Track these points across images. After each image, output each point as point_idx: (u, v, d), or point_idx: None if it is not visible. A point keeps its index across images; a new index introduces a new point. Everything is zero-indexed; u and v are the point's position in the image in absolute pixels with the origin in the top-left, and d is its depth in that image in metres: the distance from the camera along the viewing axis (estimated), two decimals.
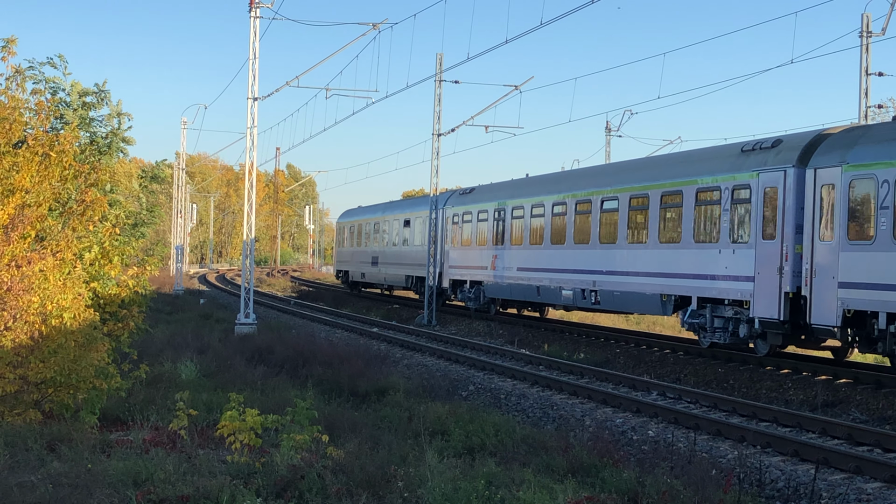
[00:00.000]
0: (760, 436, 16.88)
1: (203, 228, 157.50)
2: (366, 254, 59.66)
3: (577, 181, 34.87)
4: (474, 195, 43.52)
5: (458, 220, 44.14)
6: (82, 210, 17.43)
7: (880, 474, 14.15)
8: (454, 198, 45.96)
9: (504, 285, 38.91)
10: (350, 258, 64.33)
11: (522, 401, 22.32)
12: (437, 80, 44.79)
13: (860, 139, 22.47)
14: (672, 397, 22.10)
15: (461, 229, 43.65)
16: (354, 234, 63.32)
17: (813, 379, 23.10)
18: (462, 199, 44.76)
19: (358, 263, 61.57)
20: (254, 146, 37.22)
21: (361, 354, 26.80)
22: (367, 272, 59.04)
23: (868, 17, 37.61)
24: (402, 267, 51.95)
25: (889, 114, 53.04)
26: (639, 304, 29.92)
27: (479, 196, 43.08)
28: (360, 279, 61.53)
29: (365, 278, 60.16)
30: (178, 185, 79.92)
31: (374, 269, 57.23)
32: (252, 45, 36.48)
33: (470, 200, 43.46)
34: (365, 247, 60.23)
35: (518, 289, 37.83)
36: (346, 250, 65.72)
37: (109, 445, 13.85)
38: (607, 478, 12.64)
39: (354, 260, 62.70)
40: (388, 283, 55.48)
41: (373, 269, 57.73)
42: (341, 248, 68.23)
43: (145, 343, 24.11)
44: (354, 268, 62.59)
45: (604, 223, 31.58)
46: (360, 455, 12.90)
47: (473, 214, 42.47)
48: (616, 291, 30.63)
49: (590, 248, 32.16)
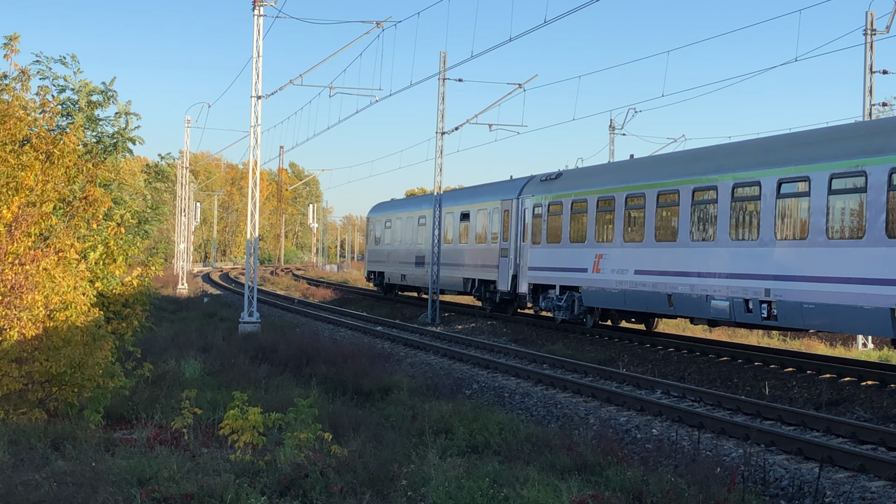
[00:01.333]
0: (765, 434, 16.86)
1: (207, 227, 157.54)
2: (407, 253, 52.55)
3: (729, 159, 27.14)
4: (563, 181, 36.03)
5: (540, 212, 36.46)
6: (85, 208, 17.45)
7: (884, 473, 14.13)
8: (533, 185, 38.12)
9: (614, 292, 31.04)
10: (386, 258, 56.79)
11: (526, 399, 22.31)
12: (441, 79, 44.77)
13: None
14: (676, 396, 22.09)
15: (546, 223, 35.89)
16: (392, 231, 55.88)
17: (817, 377, 23.08)
18: (546, 186, 36.90)
19: (397, 264, 54.33)
20: (257, 145, 37.22)
21: (365, 353, 26.81)
22: (410, 274, 51.89)
23: (872, 15, 37.55)
24: (457, 268, 45.10)
25: (894, 111, 52.94)
26: (851, 320, 22.10)
27: (571, 182, 35.60)
28: (400, 282, 54.27)
29: (406, 281, 53.04)
30: (182, 184, 79.93)
31: (420, 270, 49.79)
32: (255, 43, 36.48)
33: (559, 188, 35.70)
34: (406, 245, 52.93)
35: (637, 297, 30.07)
36: (381, 249, 57.81)
37: (113, 444, 13.86)
38: (611, 476, 12.64)
39: (392, 260, 55.39)
40: (441, 285, 46.43)
41: (417, 271, 50.29)
42: (374, 247, 59.55)
43: (149, 342, 24.13)
44: (392, 269, 55.39)
45: (784, 212, 24.20)
46: (364, 453, 12.91)
47: (565, 205, 34.74)
48: (808, 303, 23.01)
49: (759, 246, 24.88)
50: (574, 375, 25.39)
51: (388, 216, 57.41)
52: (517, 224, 38.09)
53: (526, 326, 38.05)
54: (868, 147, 21.84)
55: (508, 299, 40.17)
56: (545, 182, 37.12)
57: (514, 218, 38.48)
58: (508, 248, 38.81)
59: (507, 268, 38.92)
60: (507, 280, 38.83)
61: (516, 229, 38.21)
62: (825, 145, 23.53)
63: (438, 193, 45.63)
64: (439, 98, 45.44)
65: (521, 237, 37.74)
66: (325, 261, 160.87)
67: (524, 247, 37.36)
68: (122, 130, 26.69)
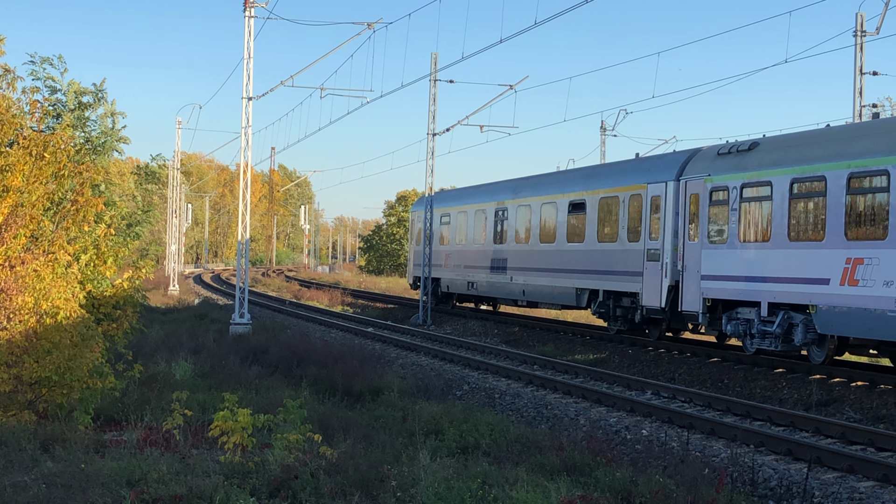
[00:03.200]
0: (754, 435, 16.90)
1: (198, 228, 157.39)
2: (478, 255, 41.97)
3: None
4: (765, 153, 25.17)
5: (724, 198, 26.03)
6: (76, 210, 17.43)
7: (873, 473, 14.17)
8: (705, 161, 27.63)
9: (887, 315, 20.72)
10: (443, 261, 46.03)
11: (517, 400, 22.33)
12: (432, 80, 44.81)
13: None
14: (666, 396, 22.12)
15: (738, 213, 25.43)
16: (453, 228, 45.61)
17: (807, 378, 23.12)
18: (731, 161, 26.31)
19: (462, 269, 43.88)
20: (248, 146, 37.22)
21: (356, 354, 26.80)
22: (484, 281, 41.29)
23: (862, 17, 37.67)
24: (561, 276, 34.50)
25: (886, 112, 53.09)
26: None
27: (782, 153, 24.70)
28: (466, 290, 43.69)
29: (477, 289, 42.35)
30: (174, 185, 79.88)
31: (499, 276, 39.61)
32: (247, 44, 36.47)
33: (759, 163, 25.04)
34: (477, 244, 42.38)
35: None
36: (437, 250, 46.67)
37: (103, 445, 13.86)
38: (601, 477, 12.65)
39: (454, 263, 44.83)
40: (532, 297, 37.40)
41: (496, 278, 39.96)
42: (426, 248, 47.23)
43: (140, 343, 24.13)
44: (455, 274, 44.67)
45: None
46: (354, 454, 12.93)
47: (777, 186, 24.15)
48: None
49: None
50: (565, 376, 25.42)
51: (444, 210, 46.58)
52: (679, 216, 28.05)
53: (516, 328, 38.07)
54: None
55: (658, 318, 29.96)
56: (729, 156, 26.45)
57: (671, 208, 28.43)
58: (660, 250, 28.85)
59: (659, 276, 28.72)
60: (657, 292, 28.72)
61: (675, 223, 28.21)
62: None
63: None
64: (430, 99, 45.47)
65: (685, 233, 27.72)
66: (316, 262, 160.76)
67: (692, 247, 27.24)
68: (109, 131, 26.69)
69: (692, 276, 27.10)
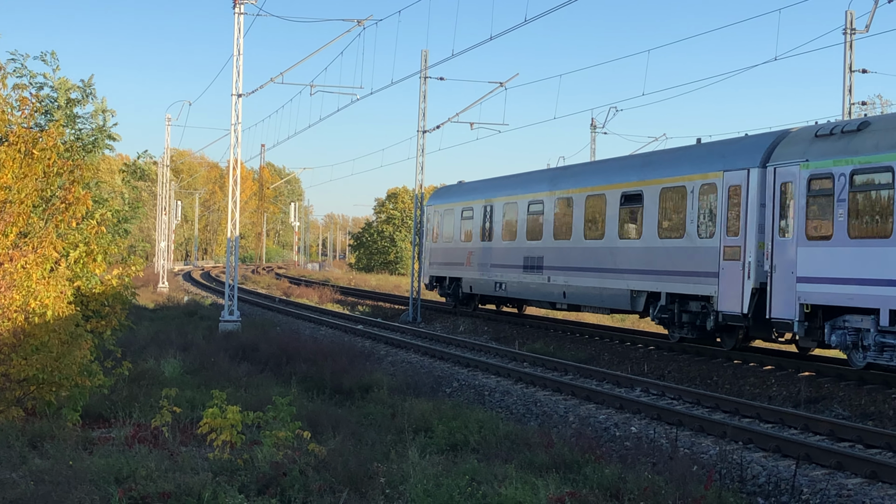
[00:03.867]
0: (743, 432, 16.93)
1: (188, 226, 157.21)
2: (508, 252, 37.80)
3: None
4: (874, 135, 21.63)
5: (827, 188, 22.38)
6: (65, 207, 17.39)
7: (861, 470, 14.21)
8: (799, 144, 23.81)
9: None
10: (465, 259, 41.68)
11: (506, 397, 22.34)
12: (422, 77, 44.81)
13: None
14: (655, 394, 22.15)
15: (849, 204, 21.78)
16: (477, 223, 40.91)
17: (796, 375, 23.17)
18: (833, 145, 22.60)
19: (488, 268, 39.46)
20: (238, 143, 37.20)
21: (346, 351, 26.81)
22: (514, 281, 37.08)
23: (852, 15, 37.73)
24: (614, 277, 30.52)
25: (874, 110, 53.20)
26: None
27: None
28: (494, 292, 39.35)
29: (506, 291, 38.14)
30: (163, 182, 79.77)
31: (533, 276, 35.44)
32: (236, 41, 36.45)
33: (869, 148, 21.44)
34: (506, 242, 38.13)
35: None
36: (455, 247, 42.78)
37: (92, 442, 13.85)
38: (590, 474, 12.68)
39: (479, 262, 40.38)
40: (574, 300, 33.38)
41: (529, 278, 35.72)
42: (442, 245, 44.40)
43: (129, 340, 24.11)
44: (480, 274, 40.30)
45: None
46: (343, 452, 12.92)
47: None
48: None
49: None
50: (554, 374, 25.44)
51: (467, 203, 42.22)
52: (766, 208, 24.51)
53: (507, 325, 38.08)
54: None
55: (736, 326, 26.07)
56: (831, 138, 22.81)
57: (755, 199, 24.95)
58: (740, 247, 25.32)
59: (740, 277, 25.17)
60: (738, 296, 25.11)
61: (761, 216, 24.72)
62: None
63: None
64: (420, 96, 45.47)
65: (774, 229, 24.12)
66: (306, 259, 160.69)
67: (783, 244, 23.70)
68: (100, 128, 26.62)
69: (784, 277, 23.34)
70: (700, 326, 27.17)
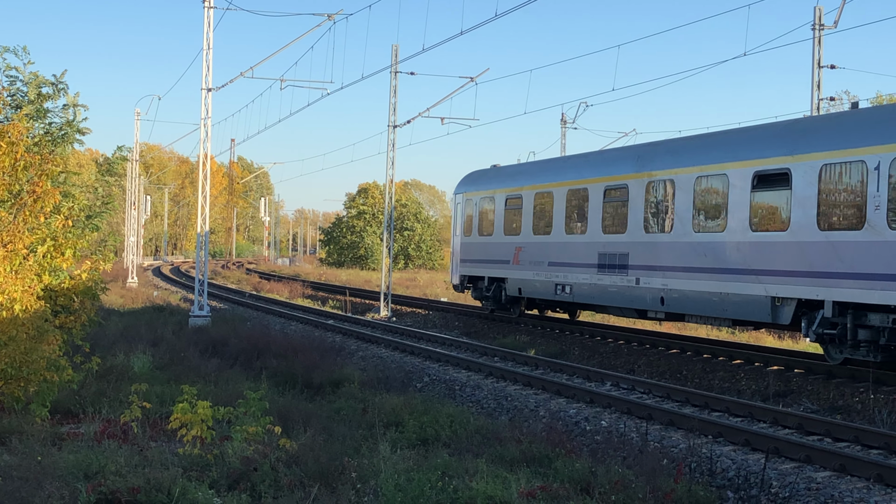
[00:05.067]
0: (712, 426, 17.00)
1: (158, 221, 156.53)
2: (576, 247, 31.12)
3: None
4: None
5: None
6: (34, 201, 17.27)
7: (830, 463, 14.29)
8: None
9: None
10: (513, 255, 34.91)
11: (477, 392, 22.36)
12: (393, 72, 44.76)
13: None
14: (625, 388, 22.22)
15: None
16: (527, 213, 34.35)
17: (765, 369, 23.30)
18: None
19: (545, 267, 32.81)
20: (208, 138, 37.02)
21: (316, 346, 26.74)
22: (585, 283, 30.24)
23: (820, 10, 37.94)
24: (744, 279, 23.98)
25: (842, 106, 53.56)
26: None
27: None
28: (557, 295, 32.22)
29: (572, 294, 31.23)
30: (132, 177, 79.36)
31: (613, 277, 28.90)
32: (206, 35, 36.28)
33: None
34: (568, 236, 31.71)
35: None
36: (497, 242, 36.15)
37: (61, 438, 13.77)
38: (560, 468, 12.70)
39: (531, 259, 33.83)
40: (678, 308, 26.71)
41: (608, 279, 29.18)
42: (478, 240, 37.74)
43: (98, 335, 23.96)
44: (533, 274, 33.51)
45: None
46: (314, 447, 12.89)
47: None
48: None
49: None
50: (525, 368, 25.47)
51: (514, 190, 35.67)
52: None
53: (478, 319, 38.10)
54: None
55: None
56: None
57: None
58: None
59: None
60: None
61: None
62: None
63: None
64: (391, 91, 45.43)
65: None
66: (277, 254, 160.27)
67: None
68: (70, 122, 26.47)
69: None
70: (885, 347, 20.86)
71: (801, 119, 26.51)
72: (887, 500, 12.70)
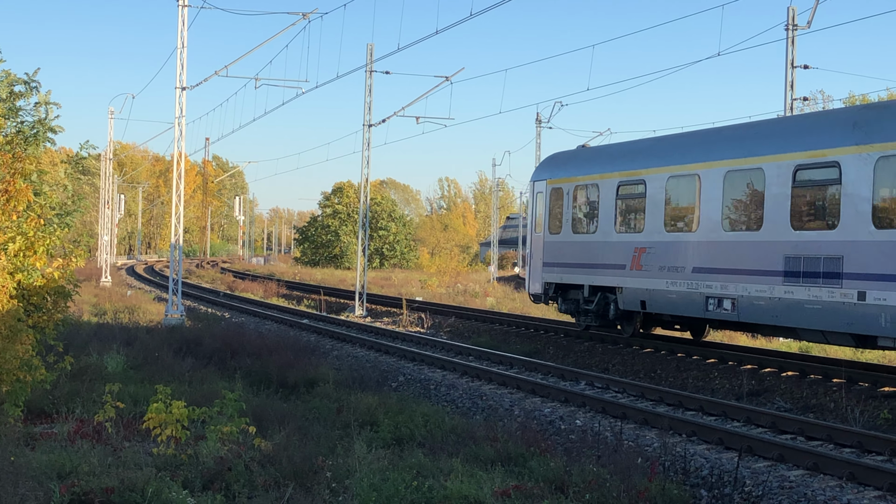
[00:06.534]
0: (686, 424, 17.06)
1: (131, 219, 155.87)
2: (747, 249, 23.19)
3: None
4: None
5: None
6: (6, 200, 17.17)
7: (803, 462, 14.36)
8: None
9: None
10: (630, 259, 26.98)
11: (452, 391, 22.36)
12: (368, 71, 44.72)
13: None
14: (600, 387, 22.26)
15: None
16: (658, 204, 26.17)
17: (739, 368, 23.38)
18: None
19: (688, 275, 24.73)
20: (182, 136, 36.91)
21: (291, 346, 26.69)
22: (762, 297, 22.39)
23: (794, 11, 38.09)
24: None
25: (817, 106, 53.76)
26: None
27: None
28: (710, 313, 24.01)
29: (737, 312, 23.23)
30: (106, 175, 79.00)
31: (814, 289, 21.04)
32: (180, 33, 36.16)
33: None
34: (737, 231, 23.65)
35: None
36: (612, 242, 27.85)
37: (34, 438, 13.71)
38: (535, 467, 12.73)
39: (661, 264, 25.79)
40: None
41: (803, 292, 21.34)
42: (574, 238, 29.73)
43: (71, 335, 23.84)
44: (667, 283, 25.44)
45: None
46: (289, 446, 12.87)
47: None
48: None
49: None
50: (500, 367, 25.48)
51: (628, 174, 27.52)
52: None
53: (453, 318, 38.11)
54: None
55: None
56: None
57: None
58: None
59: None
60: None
61: None
62: None
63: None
64: (366, 90, 45.38)
65: None
66: (251, 253, 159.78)
67: None
68: (42, 121, 26.36)
69: None
70: None
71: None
72: (860, 498, 12.78)
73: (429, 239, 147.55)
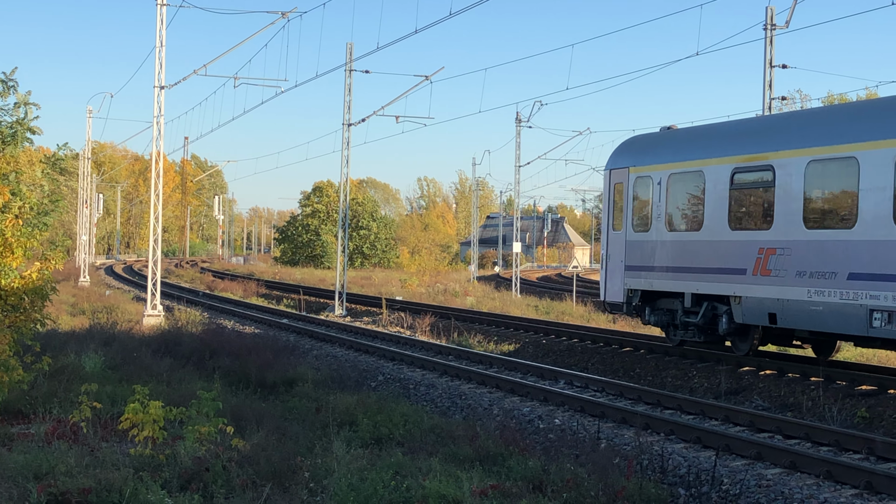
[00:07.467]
0: (664, 423, 17.10)
1: (110, 219, 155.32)
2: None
3: None
4: None
5: None
6: None
7: (780, 460, 14.42)
8: None
9: None
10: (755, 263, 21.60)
11: (431, 391, 22.37)
12: (348, 70, 44.68)
13: None
14: (579, 386, 22.30)
15: None
16: (794, 194, 20.77)
17: (716, 367, 23.44)
18: None
19: (843, 283, 19.37)
20: (161, 135, 36.80)
21: (270, 346, 26.62)
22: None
23: (772, 10, 38.21)
24: None
25: (794, 105, 53.92)
26: None
27: None
28: (868, 330, 18.89)
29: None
30: (84, 175, 78.71)
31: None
32: (159, 32, 36.05)
33: None
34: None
35: None
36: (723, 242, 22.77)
37: (10, 438, 13.66)
38: (513, 466, 12.74)
39: (796, 268, 20.53)
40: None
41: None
42: (668, 237, 24.66)
43: (49, 335, 23.74)
44: (809, 291, 20.15)
45: None
46: (267, 446, 12.85)
47: None
48: None
49: None
50: (479, 366, 25.49)
51: (750, 159, 22.24)
52: None
53: (433, 316, 38.10)
54: None
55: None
56: None
57: None
58: None
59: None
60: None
61: None
62: None
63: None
64: (346, 90, 45.33)
65: None
66: (231, 253, 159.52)
67: None
68: (21, 121, 26.23)
69: None
70: None
71: None
72: (836, 496, 12.83)
73: (409, 238, 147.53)
